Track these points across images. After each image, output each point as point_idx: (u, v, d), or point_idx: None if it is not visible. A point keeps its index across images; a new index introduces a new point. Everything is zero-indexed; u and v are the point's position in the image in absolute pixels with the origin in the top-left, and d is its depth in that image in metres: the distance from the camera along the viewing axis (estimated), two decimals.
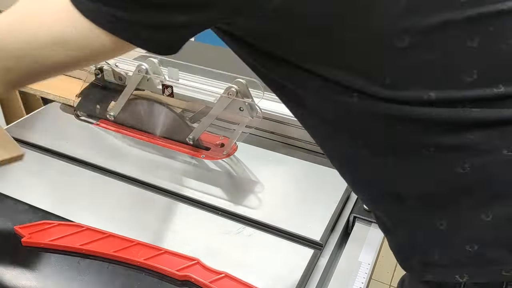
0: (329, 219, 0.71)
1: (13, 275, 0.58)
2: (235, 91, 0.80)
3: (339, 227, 0.72)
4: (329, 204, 0.74)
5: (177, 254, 0.61)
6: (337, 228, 0.72)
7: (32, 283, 0.57)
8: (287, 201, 0.76)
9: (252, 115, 0.81)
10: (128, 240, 0.63)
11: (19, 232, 0.63)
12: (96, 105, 0.94)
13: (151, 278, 0.59)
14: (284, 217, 0.71)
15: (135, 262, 0.60)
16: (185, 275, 0.58)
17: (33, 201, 0.71)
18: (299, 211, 0.74)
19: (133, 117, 0.91)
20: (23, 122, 0.93)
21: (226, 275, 0.58)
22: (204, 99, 0.85)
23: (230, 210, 0.72)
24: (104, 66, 0.90)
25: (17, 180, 0.77)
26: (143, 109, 0.91)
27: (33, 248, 0.62)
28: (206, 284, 0.57)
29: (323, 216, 0.72)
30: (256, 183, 0.80)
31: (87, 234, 0.63)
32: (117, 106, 0.91)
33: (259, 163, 0.85)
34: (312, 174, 0.83)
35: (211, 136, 0.89)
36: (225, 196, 0.77)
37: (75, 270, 0.59)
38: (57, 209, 0.69)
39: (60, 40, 0.41)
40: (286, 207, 0.75)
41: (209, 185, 0.79)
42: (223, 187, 0.79)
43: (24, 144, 0.86)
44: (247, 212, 0.72)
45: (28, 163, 0.81)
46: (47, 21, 0.40)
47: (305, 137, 0.86)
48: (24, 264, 0.60)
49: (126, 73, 0.89)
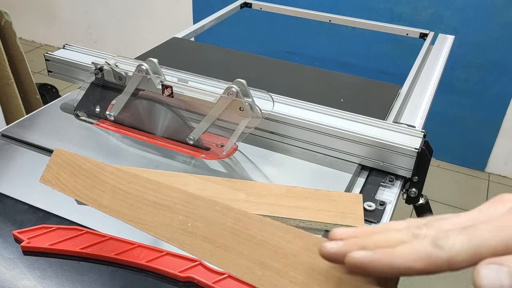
0: None
1: (12, 282, 0.58)
2: (235, 91, 0.80)
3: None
4: None
5: (179, 255, 0.61)
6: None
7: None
8: None
9: (252, 115, 0.81)
10: (128, 242, 0.62)
11: (17, 237, 0.63)
12: (96, 105, 0.94)
13: (153, 280, 0.59)
14: None
15: (136, 264, 0.59)
16: (187, 276, 0.58)
17: (33, 201, 0.71)
18: None
19: (133, 117, 0.91)
20: (23, 122, 0.92)
21: (229, 275, 0.58)
22: (204, 99, 0.85)
23: None
24: (104, 66, 0.90)
25: (17, 180, 0.77)
26: (143, 109, 0.91)
27: (32, 253, 0.61)
28: (209, 284, 0.57)
29: None
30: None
31: (87, 237, 0.63)
32: (117, 106, 0.91)
33: (259, 163, 0.85)
34: (312, 174, 0.83)
35: (211, 136, 0.89)
36: None
37: (75, 273, 0.59)
38: (57, 209, 0.69)
39: None
40: None
41: None
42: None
43: (24, 144, 0.86)
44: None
45: (28, 163, 0.81)
46: None
47: (305, 137, 0.86)
48: (24, 269, 0.60)
49: (126, 73, 0.89)
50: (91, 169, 0.54)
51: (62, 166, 0.57)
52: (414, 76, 1.15)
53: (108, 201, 0.50)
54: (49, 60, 1.05)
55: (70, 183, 0.55)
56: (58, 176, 0.57)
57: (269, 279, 0.34)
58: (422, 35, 1.44)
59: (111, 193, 0.51)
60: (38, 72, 2.75)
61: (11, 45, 1.64)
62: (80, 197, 0.53)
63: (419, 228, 0.29)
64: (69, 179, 0.55)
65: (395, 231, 0.30)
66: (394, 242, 0.29)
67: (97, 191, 0.52)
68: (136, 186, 0.49)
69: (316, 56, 2.37)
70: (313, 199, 0.71)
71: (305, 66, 1.23)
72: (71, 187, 0.55)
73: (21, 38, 2.31)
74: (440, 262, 0.27)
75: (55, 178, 0.57)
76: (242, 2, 1.63)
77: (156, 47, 1.25)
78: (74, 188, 0.54)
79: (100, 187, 0.52)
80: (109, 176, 0.52)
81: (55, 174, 0.58)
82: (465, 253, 0.26)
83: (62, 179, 0.56)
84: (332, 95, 1.06)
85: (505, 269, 0.25)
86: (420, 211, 0.96)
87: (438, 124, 2.16)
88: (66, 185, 0.55)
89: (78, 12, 3.08)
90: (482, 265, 0.25)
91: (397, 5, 2.10)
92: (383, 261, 0.28)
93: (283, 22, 2.31)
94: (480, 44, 2.03)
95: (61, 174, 0.57)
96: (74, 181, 0.55)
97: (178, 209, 0.44)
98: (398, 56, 2.18)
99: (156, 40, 1.31)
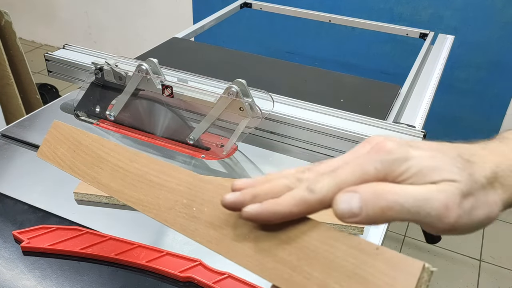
0: None
1: (12, 282, 0.58)
2: (235, 91, 0.80)
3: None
4: None
5: (179, 256, 0.61)
6: None
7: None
8: None
9: (252, 115, 0.81)
10: (128, 242, 0.62)
11: (17, 237, 0.63)
12: (96, 105, 0.94)
13: (153, 280, 0.59)
14: None
15: (136, 264, 0.59)
16: (187, 276, 0.58)
17: (33, 201, 0.71)
18: None
19: (133, 117, 0.91)
20: (23, 122, 0.92)
21: (230, 275, 0.58)
22: (204, 99, 0.85)
23: None
24: (104, 66, 0.90)
25: (17, 180, 0.77)
26: (143, 109, 0.91)
27: (32, 253, 0.61)
28: (209, 284, 0.57)
29: None
30: None
31: (86, 237, 0.63)
32: (117, 106, 0.91)
33: (259, 163, 0.85)
34: None
35: (211, 136, 0.89)
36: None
37: (75, 273, 0.59)
38: (57, 209, 0.70)
39: None
40: None
41: None
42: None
43: (24, 144, 0.86)
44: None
45: (28, 163, 0.82)
46: None
47: (305, 137, 0.86)
48: (24, 269, 0.60)
49: (126, 73, 0.89)
50: (90, 145, 0.51)
51: (60, 140, 0.53)
52: (414, 76, 1.15)
53: (107, 179, 0.47)
54: (49, 60, 1.05)
55: (68, 158, 0.51)
56: (55, 150, 0.53)
57: (281, 273, 0.32)
58: (422, 35, 1.44)
59: (111, 170, 0.47)
60: (38, 72, 2.75)
61: (11, 45, 1.64)
62: (78, 173, 0.49)
63: (303, 172, 0.34)
64: (67, 154, 0.51)
65: (283, 178, 0.34)
66: (282, 188, 0.33)
67: (96, 168, 0.48)
68: (138, 165, 0.46)
69: (316, 56, 2.37)
70: None
71: (305, 66, 1.23)
72: (68, 162, 0.51)
73: (21, 38, 2.31)
74: (314, 203, 0.32)
75: (53, 153, 0.53)
76: (242, 2, 1.63)
77: (156, 47, 1.25)
78: (72, 164, 0.50)
79: (99, 164, 0.49)
80: (109, 153, 0.49)
81: (52, 148, 0.53)
82: (332, 192, 0.31)
83: (60, 154, 0.52)
84: (332, 95, 1.06)
85: (357, 195, 0.30)
86: None
87: (438, 124, 2.16)
88: (63, 160, 0.51)
89: (78, 12, 3.08)
90: (339, 194, 0.31)
91: (397, 5, 2.10)
92: (269, 211, 0.32)
93: (283, 22, 2.31)
94: (480, 44, 2.03)
95: (58, 149, 0.53)
96: (72, 157, 0.51)
97: (182, 192, 0.41)
98: (398, 56, 2.18)
99: (156, 40, 1.31)
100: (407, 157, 0.31)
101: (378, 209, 0.30)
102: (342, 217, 0.31)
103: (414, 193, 0.30)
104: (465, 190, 0.31)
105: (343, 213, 0.31)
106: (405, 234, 1.83)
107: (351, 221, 0.31)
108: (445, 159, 0.32)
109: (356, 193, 0.31)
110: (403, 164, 0.31)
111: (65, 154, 0.52)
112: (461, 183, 0.31)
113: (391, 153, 0.32)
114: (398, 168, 0.31)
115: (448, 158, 0.32)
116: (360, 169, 0.32)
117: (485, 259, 1.74)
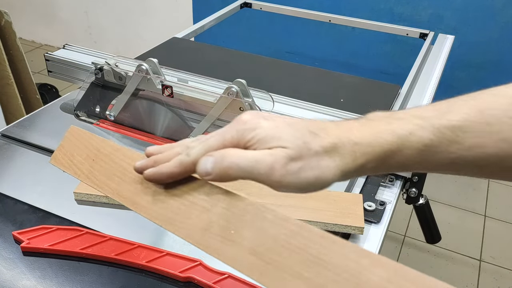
0: None
1: (12, 282, 0.58)
2: (235, 91, 0.80)
3: None
4: None
5: (179, 256, 0.61)
6: None
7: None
8: None
9: None
10: (128, 243, 0.62)
11: (17, 238, 0.63)
12: (96, 105, 0.94)
13: (153, 280, 0.59)
14: None
15: (136, 264, 0.59)
16: (188, 277, 0.58)
17: (33, 201, 0.71)
18: None
19: (133, 117, 0.91)
20: (23, 122, 0.92)
21: (230, 275, 0.58)
22: (204, 99, 0.85)
23: None
24: (104, 66, 0.90)
25: (17, 180, 0.77)
26: (143, 109, 0.91)
27: (32, 254, 0.61)
28: (210, 285, 0.57)
29: None
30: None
31: (86, 237, 0.63)
32: (117, 106, 0.91)
33: None
34: None
35: None
36: None
37: (75, 274, 0.59)
38: (57, 210, 0.69)
39: None
40: None
41: None
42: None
43: (24, 144, 0.86)
44: None
45: (28, 163, 0.81)
46: None
47: None
48: (24, 269, 0.60)
49: (126, 73, 0.89)
50: (111, 154, 0.47)
51: (77, 147, 0.49)
52: (414, 76, 1.15)
53: (130, 193, 0.43)
54: (49, 60, 1.05)
55: (85, 167, 0.47)
56: (71, 158, 0.49)
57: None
58: (422, 35, 1.44)
59: (134, 183, 0.44)
60: (38, 72, 2.75)
61: (11, 45, 1.64)
62: (96, 184, 0.46)
63: (192, 142, 0.41)
64: (85, 163, 0.48)
65: (178, 147, 0.41)
66: (174, 154, 0.41)
67: (116, 179, 0.45)
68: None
69: (316, 56, 2.37)
70: (313, 199, 0.71)
71: (305, 66, 1.23)
72: (86, 171, 0.47)
73: (21, 38, 2.31)
74: (188, 165, 0.39)
75: (68, 160, 0.49)
76: (242, 2, 1.63)
77: (156, 47, 1.25)
78: (89, 174, 0.47)
79: (120, 174, 0.45)
80: (131, 164, 0.45)
81: (68, 155, 0.49)
82: (202, 156, 0.39)
83: (77, 162, 0.48)
84: (332, 95, 1.06)
85: (211, 158, 0.38)
86: (420, 211, 0.95)
87: None
88: (80, 169, 0.48)
89: (78, 12, 3.08)
90: (200, 158, 0.38)
91: (397, 5, 2.10)
92: (159, 172, 0.40)
93: (283, 22, 2.31)
94: (480, 44, 2.03)
95: (75, 156, 0.49)
96: (90, 165, 0.47)
97: (218, 213, 0.39)
98: (398, 56, 2.18)
99: (156, 40, 1.31)
100: (256, 127, 0.38)
101: (223, 168, 0.37)
102: (201, 175, 0.38)
103: (250, 156, 0.37)
104: (293, 154, 0.36)
105: (201, 172, 0.38)
106: (405, 234, 1.83)
107: (208, 179, 0.38)
108: (287, 130, 0.38)
109: (212, 156, 0.38)
110: (251, 132, 0.38)
111: (83, 162, 0.48)
112: (290, 149, 0.37)
113: (245, 123, 0.39)
114: (248, 135, 0.38)
115: (292, 129, 0.38)
116: (222, 137, 0.39)
117: (485, 259, 1.74)
